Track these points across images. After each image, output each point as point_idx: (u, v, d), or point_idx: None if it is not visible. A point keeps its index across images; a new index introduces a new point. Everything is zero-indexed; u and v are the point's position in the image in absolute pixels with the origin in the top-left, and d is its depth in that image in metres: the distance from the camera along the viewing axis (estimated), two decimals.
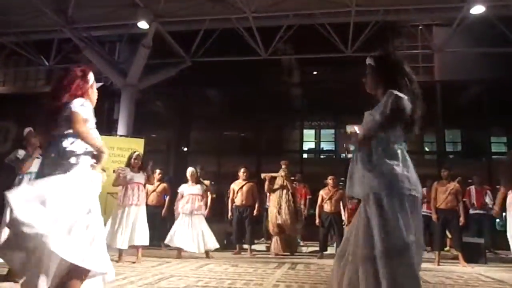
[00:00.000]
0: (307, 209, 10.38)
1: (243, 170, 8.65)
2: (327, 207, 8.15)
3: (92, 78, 2.96)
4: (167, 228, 7.62)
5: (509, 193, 5.88)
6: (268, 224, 8.80)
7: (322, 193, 8.34)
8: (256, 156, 15.49)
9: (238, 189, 8.54)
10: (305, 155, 18.11)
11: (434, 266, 6.79)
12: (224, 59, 12.81)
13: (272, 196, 8.72)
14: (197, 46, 12.27)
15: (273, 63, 14.45)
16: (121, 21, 11.61)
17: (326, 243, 8.26)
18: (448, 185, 7.31)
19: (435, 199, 7.29)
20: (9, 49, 13.44)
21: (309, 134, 18.78)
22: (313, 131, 19.09)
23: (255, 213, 8.41)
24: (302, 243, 10.15)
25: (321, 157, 19.39)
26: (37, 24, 11.75)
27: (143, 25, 10.92)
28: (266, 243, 9.78)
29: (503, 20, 10.50)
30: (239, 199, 8.48)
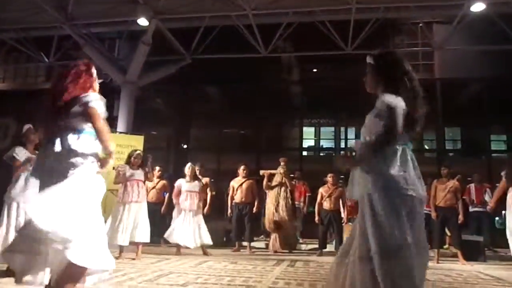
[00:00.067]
0: (307, 206, 10.39)
1: (242, 167, 8.65)
2: (327, 204, 8.15)
3: (95, 72, 2.93)
4: (167, 225, 7.63)
5: (510, 191, 5.88)
6: (265, 220, 8.82)
7: (321, 190, 8.33)
8: (255, 153, 15.50)
9: (237, 186, 8.54)
10: (305, 153, 18.15)
11: (433, 264, 6.78)
12: (224, 57, 12.81)
13: (270, 193, 8.71)
14: (197, 43, 12.25)
15: (273, 60, 14.45)
16: (121, 17, 11.59)
17: (325, 240, 8.26)
18: (447, 183, 7.31)
19: (434, 197, 7.30)
20: (9, 45, 13.45)
21: (308, 131, 18.80)
22: (312, 129, 19.11)
23: (254, 210, 8.41)
24: (301, 241, 10.16)
25: (321, 154, 19.42)
26: (37, 20, 11.74)
27: (143, 22, 10.90)
28: (265, 240, 9.79)
29: (504, 17, 10.49)
30: (238, 197, 8.48)
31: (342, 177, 8.38)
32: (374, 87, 2.57)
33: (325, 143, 19.30)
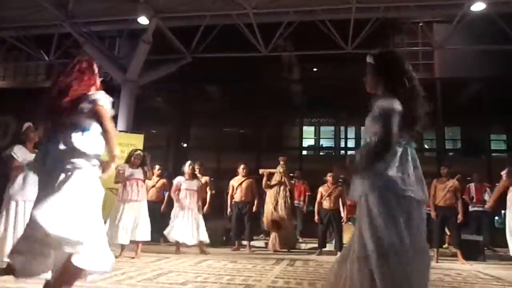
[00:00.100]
0: (306, 206, 10.41)
1: (242, 166, 8.64)
2: (326, 204, 8.15)
3: (96, 69, 2.91)
4: (166, 223, 7.63)
5: (510, 190, 5.88)
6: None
7: (321, 190, 8.33)
8: (255, 152, 15.51)
9: (237, 185, 8.54)
10: (305, 152, 18.16)
11: (432, 263, 6.76)
12: (224, 55, 12.80)
13: (269, 192, 8.71)
14: (197, 42, 12.24)
15: (273, 59, 14.43)
16: (121, 16, 11.58)
17: (325, 240, 8.26)
18: (447, 183, 7.33)
19: (434, 197, 7.30)
20: (9, 43, 13.42)
21: (308, 131, 18.81)
22: (312, 128, 19.11)
23: (254, 209, 8.41)
24: (301, 240, 10.17)
25: (321, 154, 19.43)
26: (37, 18, 11.73)
27: (143, 20, 10.89)
28: (265, 239, 9.79)
29: (504, 17, 10.48)
30: (238, 196, 8.47)
31: (341, 176, 8.37)
32: (374, 87, 2.56)
33: (325, 142, 19.32)
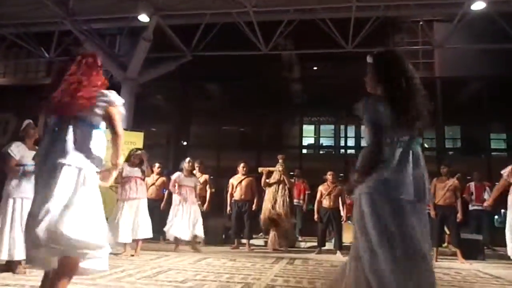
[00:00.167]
0: (306, 204, 10.41)
1: (242, 164, 8.65)
2: (326, 202, 8.14)
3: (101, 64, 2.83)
4: (166, 221, 7.63)
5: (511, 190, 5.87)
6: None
7: (321, 188, 8.32)
8: (255, 151, 15.51)
9: (237, 183, 8.54)
10: (305, 151, 18.16)
11: (432, 262, 6.79)
12: (224, 54, 12.77)
13: (268, 190, 8.70)
14: (197, 40, 12.23)
15: (274, 58, 14.41)
16: (122, 14, 11.55)
17: (324, 238, 8.26)
18: (447, 182, 7.32)
19: (434, 195, 7.30)
20: (9, 40, 13.40)
21: (308, 129, 18.81)
22: (312, 127, 19.12)
23: (253, 207, 8.42)
24: (300, 239, 10.17)
25: (321, 152, 19.43)
26: (37, 16, 11.71)
27: (143, 18, 10.89)
28: (264, 238, 9.79)
29: (504, 16, 10.46)
30: (238, 194, 8.48)
31: (341, 175, 8.38)
32: (374, 87, 2.55)
33: (325, 141, 19.32)
